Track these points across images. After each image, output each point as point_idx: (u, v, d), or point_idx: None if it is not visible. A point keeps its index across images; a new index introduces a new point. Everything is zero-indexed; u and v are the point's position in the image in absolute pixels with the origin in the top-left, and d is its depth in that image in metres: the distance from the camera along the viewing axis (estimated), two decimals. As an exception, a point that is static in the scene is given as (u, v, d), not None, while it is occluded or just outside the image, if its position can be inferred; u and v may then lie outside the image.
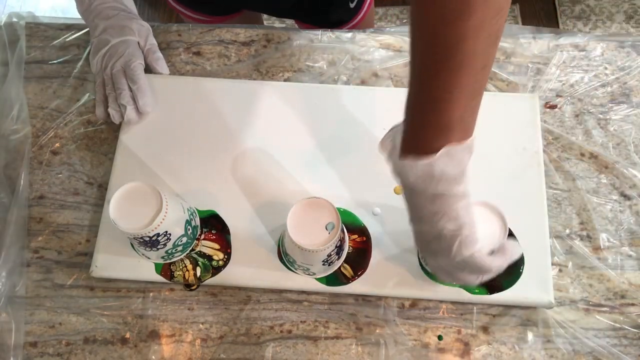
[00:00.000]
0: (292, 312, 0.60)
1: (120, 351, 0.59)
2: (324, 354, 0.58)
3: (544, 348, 0.57)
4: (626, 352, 0.57)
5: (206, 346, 0.59)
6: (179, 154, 0.65)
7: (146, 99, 0.65)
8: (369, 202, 0.62)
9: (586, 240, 0.62)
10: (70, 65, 0.73)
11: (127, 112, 0.64)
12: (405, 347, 0.58)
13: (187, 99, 0.67)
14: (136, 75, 0.65)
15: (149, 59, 0.69)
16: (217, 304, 0.60)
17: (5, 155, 0.68)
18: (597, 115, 0.67)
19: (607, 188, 0.64)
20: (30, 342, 0.59)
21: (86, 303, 0.61)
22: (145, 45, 0.69)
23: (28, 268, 0.62)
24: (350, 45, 0.72)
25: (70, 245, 0.63)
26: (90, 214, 0.64)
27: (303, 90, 0.68)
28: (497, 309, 0.59)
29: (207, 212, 0.62)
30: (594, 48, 0.71)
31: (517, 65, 0.70)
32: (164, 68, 0.69)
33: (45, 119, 0.70)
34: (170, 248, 0.56)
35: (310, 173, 0.63)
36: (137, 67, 0.65)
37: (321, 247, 0.50)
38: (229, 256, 0.60)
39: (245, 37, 0.74)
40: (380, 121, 0.65)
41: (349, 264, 0.59)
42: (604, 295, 0.59)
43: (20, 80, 0.71)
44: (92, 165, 0.67)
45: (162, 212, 0.51)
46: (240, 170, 0.64)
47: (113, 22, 0.67)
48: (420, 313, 0.59)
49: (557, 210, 0.63)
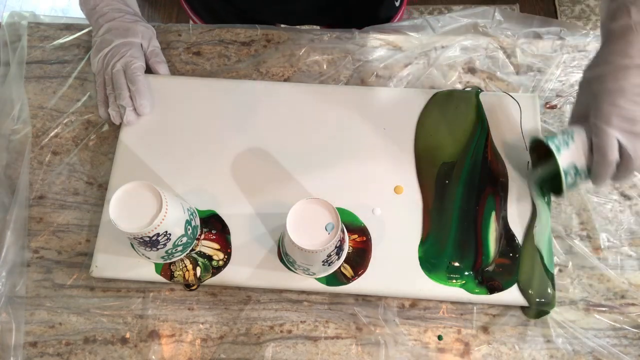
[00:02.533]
0: (292, 312, 0.60)
1: (120, 351, 0.59)
2: (324, 354, 0.58)
3: (544, 348, 0.57)
4: (626, 352, 0.57)
5: (206, 346, 0.59)
6: (179, 154, 0.65)
7: (143, 100, 0.65)
8: (369, 202, 0.62)
9: (586, 240, 0.62)
10: (71, 65, 0.73)
11: (126, 113, 0.64)
12: (405, 347, 0.58)
13: (187, 99, 0.67)
14: (135, 77, 0.65)
15: (151, 62, 0.69)
16: (217, 304, 0.60)
17: (5, 155, 0.68)
18: (597, 115, 0.67)
19: (607, 188, 0.64)
20: (30, 342, 0.59)
21: (86, 303, 0.61)
22: (149, 47, 0.69)
23: (28, 268, 0.62)
24: (350, 45, 0.72)
25: (70, 245, 0.63)
26: (90, 214, 0.64)
27: (303, 90, 0.68)
28: (497, 309, 0.59)
29: (207, 212, 0.62)
30: (594, 48, 0.71)
31: (517, 65, 0.70)
32: (165, 72, 0.69)
33: (45, 119, 0.70)
34: (170, 248, 0.56)
35: (310, 173, 0.63)
36: (137, 69, 0.65)
37: (321, 247, 0.50)
38: (229, 256, 0.60)
39: (245, 37, 0.74)
40: (380, 121, 0.65)
41: (349, 264, 0.59)
42: (604, 295, 0.59)
43: (21, 80, 0.71)
44: (92, 165, 0.67)
45: (162, 212, 0.51)
46: (240, 170, 0.64)
47: (117, 23, 0.67)
48: (420, 313, 0.59)
49: (557, 210, 0.63)
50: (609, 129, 0.51)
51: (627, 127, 0.50)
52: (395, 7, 0.88)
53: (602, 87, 0.51)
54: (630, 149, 0.51)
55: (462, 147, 0.64)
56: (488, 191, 0.61)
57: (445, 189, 0.62)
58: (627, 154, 0.51)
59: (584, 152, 0.54)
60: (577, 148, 0.54)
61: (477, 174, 0.62)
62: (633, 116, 0.50)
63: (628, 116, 0.50)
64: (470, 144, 0.64)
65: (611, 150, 0.51)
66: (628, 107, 0.50)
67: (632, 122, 0.50)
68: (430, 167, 0.63)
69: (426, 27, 0.73)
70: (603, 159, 0.52)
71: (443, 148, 0.64)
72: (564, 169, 0.54)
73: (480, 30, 0.73)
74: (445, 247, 0.59)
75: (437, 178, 0.62)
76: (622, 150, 0.51)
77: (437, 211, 0.61)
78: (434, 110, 0.66)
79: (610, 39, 0.52)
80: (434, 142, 0.64)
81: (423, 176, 0.63)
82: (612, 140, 0.51)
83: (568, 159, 0.54)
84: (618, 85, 0.50)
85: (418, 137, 0.65)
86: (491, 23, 0.73)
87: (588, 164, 0.55)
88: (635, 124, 0.50)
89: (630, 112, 0.50)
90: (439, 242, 0.59)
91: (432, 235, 0.60)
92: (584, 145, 0.54)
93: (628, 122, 0.50)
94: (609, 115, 0.51)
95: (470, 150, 0.63)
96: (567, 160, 0.54)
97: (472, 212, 0.60)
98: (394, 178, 0.63)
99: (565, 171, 0.54)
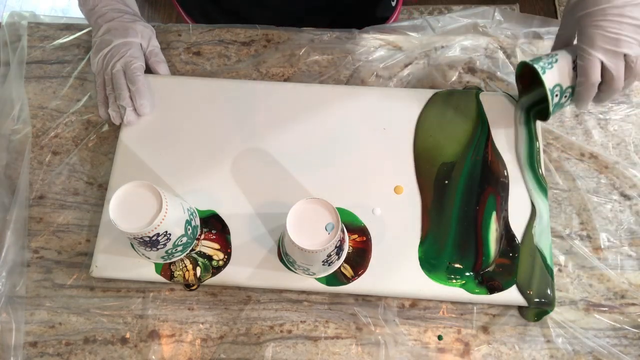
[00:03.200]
0: (292, 312, 0.60)
1: (120, 351, 0.59)
2: (324, 354, 0.58)
3: (544, 348, 0.57)
4: (626, 352, 0.57)
5: (206, 346, 0.59)
6: (179, 154, 0.65)
7: (143, 100, 0.64)
8: (369, 202, 0.62)
9: (586, 240, 0.62)
10: (71, 65, 0.73)
11: (126, 114, 0.64)
12: (405, 347, 0.58)
13: (187, 99, 0.67)
14: (135, 77, 0.64)
15: (151, 61, 0.69)
16: (217, 304, 0.60)
17: (5, 155, 0.68)
18: (597, 115, 0.67)
19: (607, 188, 0.64)
20: (30, 342, 0.59)
21: (86, 303, 0.61)
22: (148, 47, 0.69)
23: (28, 268, 0.62)
24: (350, 45, 0.72)
25: (70, 245, 0.63)
26: (90, 214, 0.64)
27: (303, 90, 0.68)
28: (497, 309, 0.59)
29: (207, 212, 0.62)
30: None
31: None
32: (164, 71, 0.69)
33: (45, 119, 0.70)
34: (170, 248, 0.56)
35: (310, 173, 0.63)
36: (137, 69, 0.65)
37: (321, 247, 0.50)
38: (229, 256, 0.60)
39: (245, 37, 0.74)
40: (380, 121, 0.65)
41: (349, 264, 0.59)
42: (604, 295, 0.59)
43: (21, 80, 0.71)
44: (92, 165, 0.67)
45: (162, 212, 0.51)
46: (240, 170, 0.64)
47: (117, 23, 0.67)
48: (420, 313, 0.59)
49: (557, 210, 0.63)
50: (592, 51, 0.53)
51: (611, 47, 0.52)
52: (391, 7, 0.88)
53: (585, 11, 0.54)
54: (613, 69, 0.53)
55: (462, 147, 0.64)
56: (488, 191, 0.61)
57: (445, 189, 0.62)
58: (610, 74, 0.53)
59: (568, 73, 0.56)
60: (561, 69, 0.56)
61: (477, 174, 0.62)
62: (616, 36, 0.52)
63: (611, 37, 0.52)
64: (470, 144, 0.64)
65: (593, 71, 0.53)
66: (611, 28, 0.52)
67: (615, 43, 0.52)
68: (429, 167, 0.63)
69: (426, 27, 0.73)
70: (586, 80, 0.54)
71: (443, 148, 0.64)
72: (549, 89, 0.56)
73: (480, 30, 0.73)
74: (445, 247, 0.59)
75: (436, 178, 0.62)
76: (605, 71, 0.53)
77: (436, 211, 0.61)
78: (434, 110, 0.66)
79: None
80: (434, 142, 0.64)
81: (422, 176, 0.63)
82: (595, 62, 0.53)
83: (553, 79, 0.56)
84: (600, 7, 0.52)
85: (417, 137, 0.65)
86: (491, 23, 0.73)
87: (572, 84, 0.57)
88: (618, 44, 0.52)
89: (613, 33, 0.52)
90: (438, 242, 0.59)
91: (431, 235, 0.60)
92: (569, 66, 0.56)
93: (611, 42, 0.52)
94: (593, 36, 0.53)
95: (471, 150, 0.63)
96: (552, 81, 0.56)
97: (472, 212, 0.60)
98: (394, 178, 0.63)
99: (550, 91, 0.56)
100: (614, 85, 0.54)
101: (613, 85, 0.54)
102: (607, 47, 0.52)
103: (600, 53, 0.53)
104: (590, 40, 0.53)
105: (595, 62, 0.53)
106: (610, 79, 0.54)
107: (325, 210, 0.51)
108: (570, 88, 0.57)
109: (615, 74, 0.53)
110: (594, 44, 0.53)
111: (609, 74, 0.53)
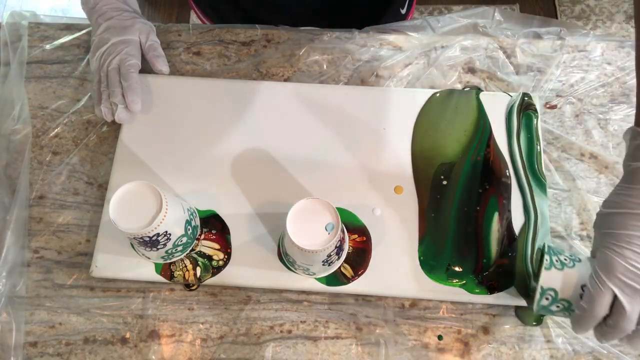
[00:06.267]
0: (292, 312, 0.60)
1: (120, 351, 0.59)
2: (324, 354, 0.58)
3: (544, 348, 0.57)
4: (626, 352, 0.57)
5: (206, 346, 0.59)
6: (179, 153, 0.65)
7: (134, 96, 0.64)
8: (369, 202, 0.62)
9: (586, 240, 0.62)
10: (71, 65, 0.73)
11: (117, 111, 0.64)
12: (405, 347, 0.58)
13: (187, 99, 0.67)
14: (129, 74, 0.64)
15: (149, 56, 0.68)
16: (217, 304, 0.60)
17: (5, 155, 0.67)
18: (597, 115, 0.67)
19: (607, 188, 0.64)
20: (30, 342, 0.59)
21: (86, 303, 0.61)
22: (147, 42, 0.68)
23: (28, 268, 0.62)
24: (350, 45, 0.72)
25: (70, 245, 0.63)
26: (90, 214, 0.64)
27: (303, 90, 0.68)
28: (497, 309, 0.59)
29: (207, 212, 0.62)
30: (594, 48, 0.71)
31: (517, 65, 0.70)
32: (164, 65, 0.69)
33: (45, 119, 0.70)
34: (170, 248, 0.56)
35: (310, 173, 0.63)
36: (131, 66, 0.65)
37: (321, 247, 0.50)
38: (229, 256, 0.60)
39: (245, 37, 0.74)
40: (380, 121, 0.65)
41: (349, 264, 0.59)
42: (604, 296, 0.59)
43: (21, 80, 0.71)
44: (92, 165, 0.67)
45: (162, 212, 0.51)
46: (240, 170, 0.64)
47: (115, 22, 0.67)
48: (420, 313, 0.59)
49: (557, 210, 0.63)
50: (607, 280, 0.45)
51: (630, 282, 0.44)
52: (401, 15, 0.86)
53: (609, 230, 0.46)
54: (627, 308, 0.44)
55: (461, 147, 0.64)
56: (490, 192, 0.61)
57: (443, 190, 0.62)
58: (622, 312, 0.44)
59: (574, 287, 0.48)
60: (570, 277, 0.48)
61: (477, 174, 0.62)
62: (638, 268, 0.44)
63: (633, 270, 0.44)
64: (470, 144, 0.64)
65: (600, 303, 0.45)
66: (635, 260, 0.44)
67: (636, 279, 0.44)
68: (427, 167, 0.63)
69: (426, 27, 0.73)
70: (589, 310, 0.45)
71: (442, 148, 0.64)
72: (543, 287, 0.49)
73: (480, 30, 0.73)
74: (444, 248, 0.59)
75: (433, 178, 0.62)
76: (617, 306, 0.44)
77: (433, 211, 0.61)
78: (434, 110, 0.66)
79: (628, 178, 0.47)
80: (433, 142, 0.64)
81: (420, 176, 0.63)
82: (605, 294, 0.44)
83: (550, 282, 0.49)
84: (626, 232, 0.45)
85: (416, 137, 0.65)
86: (491, 23, 0.73)
87: (571, 301, 0.49)
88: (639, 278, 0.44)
89: (636, 267, 0.44)
90: (436, 243, 0.59)
91: (429, 236, 0.60)
92: (581, 279, 0.48)
93: (632, 276, 0.44)
94: (611, 263, 0.45)
95: (471, 151, 0.63)
96: (549, 283, 0.49)
97: (473, 213, 0.60)
98: (394, 178, 0.63)
99: (542, 289, 0.49)
100: (623, 326, 0.44)
101: (621, 324, 0.44)
102: (625, 281, 0.44)
103: (615, 285, 0.44)
104: (607, 267, 0.45)
105: (606, 294, 0.44)
106: (621, 317, 0.44)
107: (325, 210, 0.51)
108: (566, 302, 0.49)
109: (629, 313, 0.44)
110: (610, 273, 0.44)
111: (621, 311, 0.44)
